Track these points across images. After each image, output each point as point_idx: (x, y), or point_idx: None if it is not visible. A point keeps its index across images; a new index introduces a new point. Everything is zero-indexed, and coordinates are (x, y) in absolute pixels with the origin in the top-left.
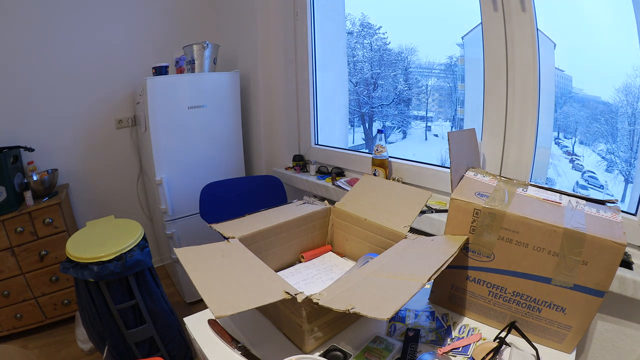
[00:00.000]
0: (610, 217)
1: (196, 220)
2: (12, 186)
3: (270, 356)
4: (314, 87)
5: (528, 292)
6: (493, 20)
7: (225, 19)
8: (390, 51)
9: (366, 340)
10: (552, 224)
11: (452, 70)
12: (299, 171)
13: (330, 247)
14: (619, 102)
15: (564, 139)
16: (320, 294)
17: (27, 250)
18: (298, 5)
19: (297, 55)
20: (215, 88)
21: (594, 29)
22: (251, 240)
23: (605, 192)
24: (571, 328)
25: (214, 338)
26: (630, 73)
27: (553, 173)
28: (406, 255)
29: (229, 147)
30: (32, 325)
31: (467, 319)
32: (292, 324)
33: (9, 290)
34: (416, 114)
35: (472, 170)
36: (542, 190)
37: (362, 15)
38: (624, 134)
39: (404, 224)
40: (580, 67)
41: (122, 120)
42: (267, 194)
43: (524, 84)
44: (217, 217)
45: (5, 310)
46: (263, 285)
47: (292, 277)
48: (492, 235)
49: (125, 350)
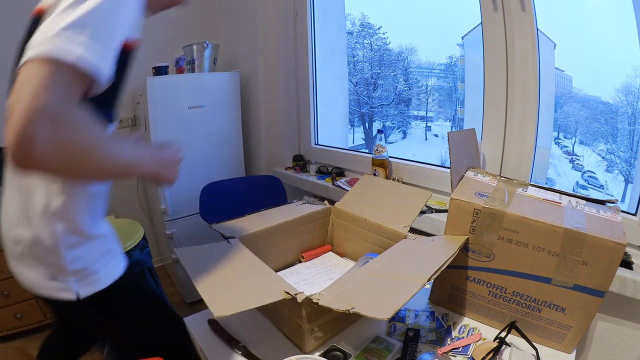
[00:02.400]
0: (610, 217)
1: (196, 220)
2: None
3: (270, 356)
4: (314, 87)
5: (528, 292)
6: (493, 20)
7: (225, 19)
8: (390, 51)
9: (366, 340)
10: (552, 224)
11: (452, 70)
12: (299, 171)
13: (330, 247)
14: (619, 102)
15: (564, 139)
16: (320, 294)
17: None
18: (298, 5)
19: (297, 55)
20: (215, 88)
21: (594, 29)
22: (251, 240)
23: (605, 192)
24: (571, 328)
25: (214, 338)
26: (630, 73)
27: (553, 173)
28: (406, 255)
29: (229, 147)
30: (32, 325)
31: (467, 319)
32: (292, 324)
33: (9, 291)
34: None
35: (472, 170)
36: (542, 190)
37: (362, 15)
38: (624, 134)
39: (404, 224)
40: (580, 67)
41: (122, 120)
42: (267, 194)
43: (524, 84)
44: (217, 217)
45: (5, 310)
46: (263, 285)
47: (292, 277)
48: (492, 235)
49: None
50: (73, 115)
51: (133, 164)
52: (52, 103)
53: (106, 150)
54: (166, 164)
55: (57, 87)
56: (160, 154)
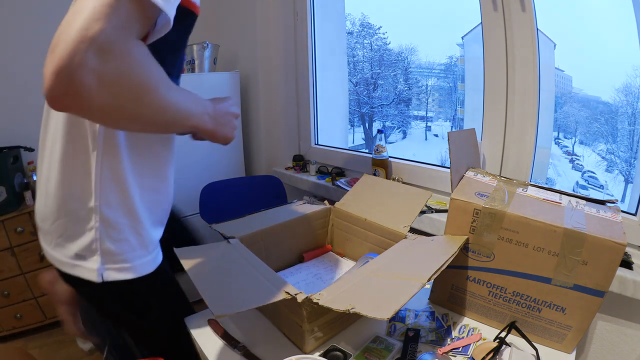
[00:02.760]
0: (610, 217)
1: (196, 220)
2: (12, 186)
3: (270, 356)
4: (314, 87)
5: (528, 292)
6: (493, 20)
7: (225, 19)
8: (390, 51)
9: (366, 340)
10: (552, 224)
11: (452, 70)
12: (299, 171)
13: (330, 247)
14: (619, 102)
15: (564, 139)
16: (320, 294)
17: (27, 250)
18: (298, 5)
19: (297, 55)
20: (215, 88)
21: (594, 29)
22: (251, 240)
23: (605, 192)
24: (571, 328)
25: (214, 338)
26: (630, 73)
27: (553, 173)
28: (406, 255)
29: (229, 147)
30: (32, 325)
31: (467, 319)
32: (292, 324)
33: (9, 290)
34: (416, 114)
35: (472, 170)
36: (542, 190)
37: (362, 15)
38: (624, 134)
39: (404, 224)
40: (580, 67)
41: None
42: (267, 194)
43: (524, 84)
44: (217, 217)
45: (5, 310)
46: (263, 285)
47: (292, 277)
48: (492, 235)
49: (126, 350)
50: (131, 47)
51: (189, 115)
52: (107, 32)
53: (163, 91)
54: (223, 120)
55: (116, 16)
56: (217, 108)
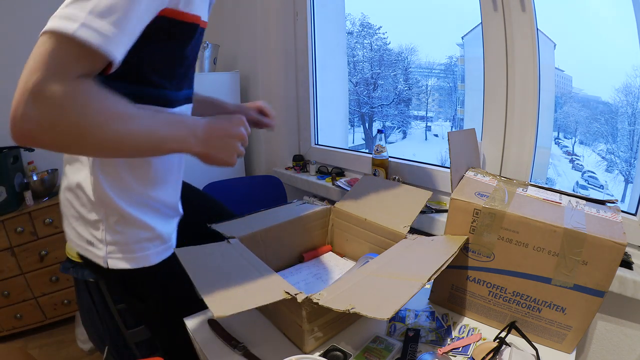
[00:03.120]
0: (610, 217)
1: None
2: (12, 186)
3: (270, 356)
4: (314, 87)
5: (528, 292)
6: (493, 20)
7: (225, 19)
8: (390, 51)
9: (366, 340)
10: (552, 224)
11: (452, 70)
12: (299, 171)
13: (330, 247)
14: (619, 102)
15: (564, 139)
16: (320, 294)
17: (27, 250)
18: (298, 5)
19: (297, 55)
20: (215, 88)
21: (594, 29)
22: (251, 240)
23: (605, 192)
24: (571, 328)
25: (214, 338)
26: (630, 73)
27: (553, 173)
28: (406, 255)
29: None
30: (32, 325)
31: (467, 319)
32: (292, 324)
33: (9, 290)
34: (416, 114)
35: (472, 170)
36: (542, 190)
37: (362, 15)
38: (624, 134)
39: (404, 224)
40: (580, 67)
41: None
42: (267, 194)
43: (524, 84)
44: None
45: (5, 310)
46: (263, 285)
47: (292, 277)
48: (492, 235)
49: (125, 350)
50: (70, 90)
51: (163, 140)
52: (43, 81)
53: (114, 125)
54: (217, 144)
55: (54, 63)
56: (211, 131)
